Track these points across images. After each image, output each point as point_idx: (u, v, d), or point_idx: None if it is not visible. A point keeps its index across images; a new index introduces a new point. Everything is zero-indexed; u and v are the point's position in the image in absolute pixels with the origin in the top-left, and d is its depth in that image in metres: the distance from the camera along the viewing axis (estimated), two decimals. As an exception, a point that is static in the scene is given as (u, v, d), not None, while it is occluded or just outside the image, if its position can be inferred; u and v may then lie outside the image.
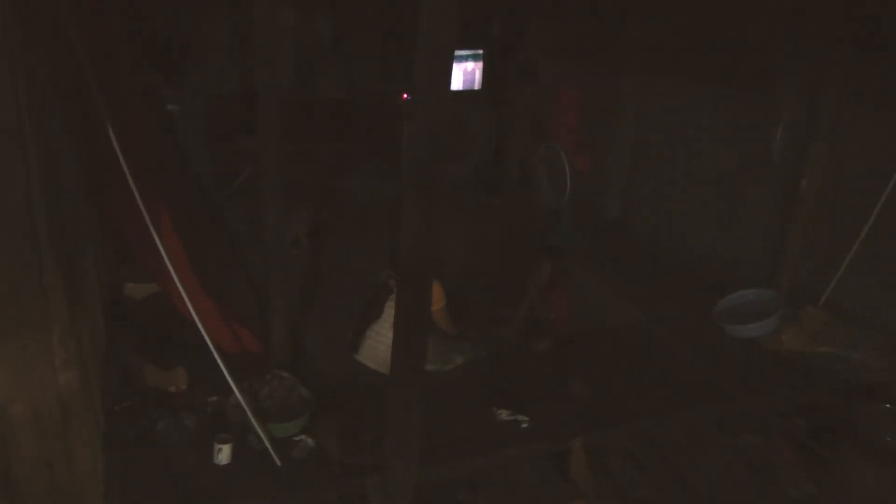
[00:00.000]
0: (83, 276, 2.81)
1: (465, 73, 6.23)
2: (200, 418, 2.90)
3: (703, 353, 3.75)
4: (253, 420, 2.68)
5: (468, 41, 6.15)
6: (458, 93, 6.15)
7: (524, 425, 3.06)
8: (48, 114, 2.42)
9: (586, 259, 4.82)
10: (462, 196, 5.89)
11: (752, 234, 4.57)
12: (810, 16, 3.92)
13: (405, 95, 6.06)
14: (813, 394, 3.49)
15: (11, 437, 2.28)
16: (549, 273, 3.82)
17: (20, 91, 1.99)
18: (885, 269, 3.77)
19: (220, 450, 2.68)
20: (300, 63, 6.24)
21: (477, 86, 6.29)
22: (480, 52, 6.18)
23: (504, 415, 3.10)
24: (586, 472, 2.95)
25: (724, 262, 4.60)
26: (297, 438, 2.83)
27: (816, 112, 3.99)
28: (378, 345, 3.34)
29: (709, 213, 4.86)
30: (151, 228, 2.48)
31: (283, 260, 3.25)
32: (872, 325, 3.76)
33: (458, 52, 6.06)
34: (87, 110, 2.60)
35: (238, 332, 3.26)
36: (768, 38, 4.24)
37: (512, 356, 3.64)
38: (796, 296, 4.06)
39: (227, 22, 5.80)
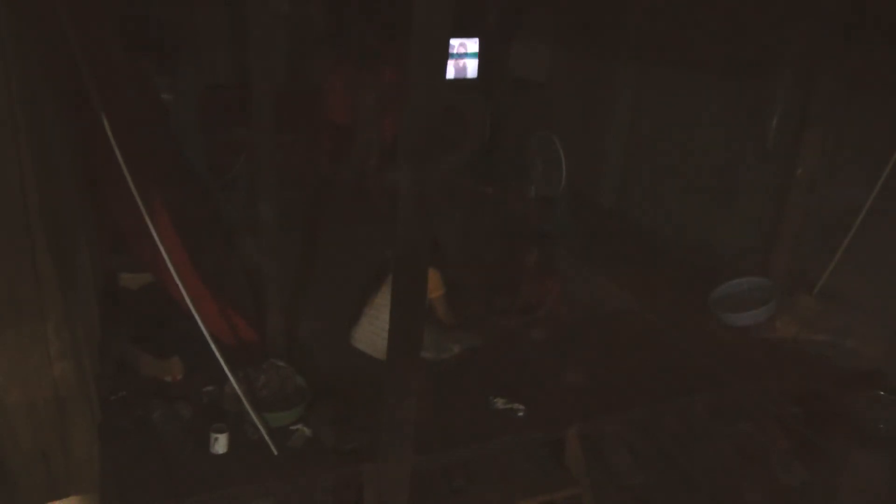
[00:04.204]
0: (78, 266, 2.81)
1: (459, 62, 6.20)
2: (196, 408, 2.90)
3: (698, 342, 3.77)
4: (249, 409, 2.68)
5: (463, 29, 6.12)
6: (452, 81, 6.12)
7: (520, 413, 3.08)
8: (41, 103, 2.41)
9: (581, 248, 4.83)
10: (457, 185, 5.88)
11: (747, 223, 4.58)
12: (804, 3, 3.92)
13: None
14: (806, 381, 3.51)
15: (7, 426, 2.29)
16: (535, 261, 3.82)
17: (11, 80, 1.98)
18: (879, 258, 3.78)
19: (216, 439, 2.68)
20: (294, 52, 6.20)
21: (471, 74, 6.28)
22: (476, 50, 6.16)
23: (500, 403, 3.11)
24: (581, 460, 2.96)
25: (719, 251, 4.61)
26: (293, 427, 2.84)
27: (811, 100, 3.99)
28: (375, 329, 3.34)
29: (703, 202, 4.86)
30: (146, 218, 2.48)
31: (278, 249, 3.24)
32: (866, 313, 3.77)
33: (460, 51, 6.06)
34: (80, 99, 2.59)
35: (234, 322, 3.26)
36: (763, 26, 4.23)
37: (507, 345, 3.65)
38: (790, 284, 4.08)
39: (221, 10, 5.75)
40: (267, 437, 2.69)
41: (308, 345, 3.52)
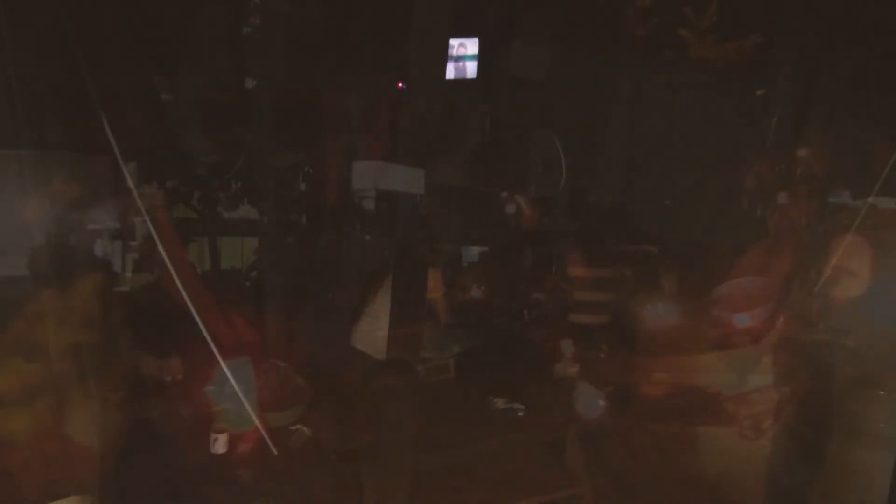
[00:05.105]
0: (78, 266, 2.80)
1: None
2: (196, 408, 2.90)
3: (697, 341, 3.76)
4: (249, 409, 2.68)
5: (463, 28, 6.11)
6: (451, 81, 6.11)
7: (520, 413, 3.08)
8: (40, 102, 2.40)
9: (580, 246, 4.82)
10: (456, 185, 5.86)
11: (746, 222, 4.58)
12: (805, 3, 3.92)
13: (400, 84, 6.03)
14: (806, 381, 3.50)
15: (7, 426, 2.28)
16: (532, 260, 3.82)
17: (11, 80, 1.97)
18: (879, 257, 3.78)
19: (216, 439, 2.68)
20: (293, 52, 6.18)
21: (471, 74, 6.26)
22: (475, 51, 6.14)
23: (500, 403, 3.11)
24: (581, 460, 2.96)
25: (718, 250, 4.60)
26: (293, 427, 2.84)
27: (811, 98, 3.99)
28: (375, 329, 3.34)
29: (702, 201, 4.86)
30: (146, 217, 2.48)
31: (278, 247, 3.24)
32: (866, 312, 3.77)
33: (460, 51, 6.03)
34: (80, 100, 2.58)
35: (234, 322, 3.26)
36: (764, 25, 4.23)
37: (507, 344, 3.64)
38: (790, 284, 4.07)
39: (221, 10, 5.74)
40: (267, 437, 2.69)
41: (308, 345, 3.51)
